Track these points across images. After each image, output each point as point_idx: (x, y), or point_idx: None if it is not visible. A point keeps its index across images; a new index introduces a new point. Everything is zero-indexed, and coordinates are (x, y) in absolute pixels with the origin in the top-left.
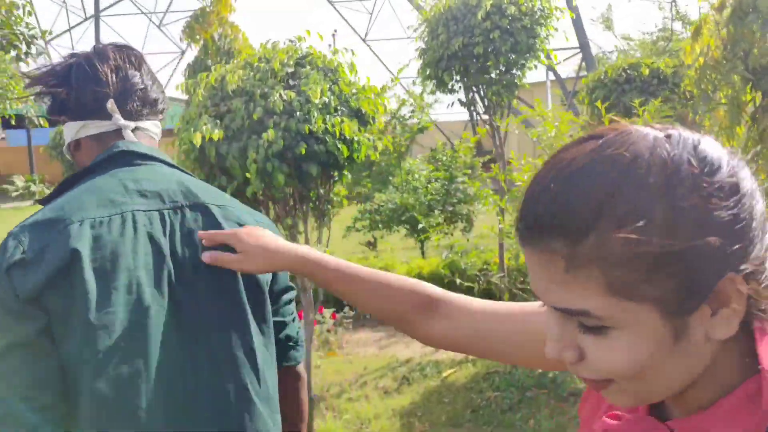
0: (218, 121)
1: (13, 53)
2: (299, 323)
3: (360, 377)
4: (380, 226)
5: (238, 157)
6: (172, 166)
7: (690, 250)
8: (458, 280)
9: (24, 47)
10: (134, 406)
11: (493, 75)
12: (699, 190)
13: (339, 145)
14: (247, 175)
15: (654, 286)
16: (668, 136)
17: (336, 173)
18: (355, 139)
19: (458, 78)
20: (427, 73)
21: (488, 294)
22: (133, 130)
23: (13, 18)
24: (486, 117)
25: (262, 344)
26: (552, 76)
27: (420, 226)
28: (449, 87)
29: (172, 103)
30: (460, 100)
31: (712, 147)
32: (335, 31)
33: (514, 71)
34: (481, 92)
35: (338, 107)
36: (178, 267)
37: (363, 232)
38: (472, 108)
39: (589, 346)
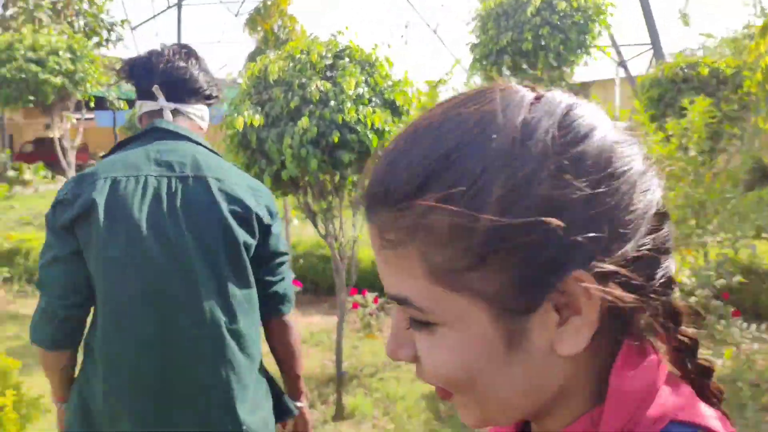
0: (259, 108)
1: (95, 40)
2: (288, 283)
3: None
4: None
5: (275, 142)
6: (197, 143)
7: (525, 233)
8: None
9: (105, 34)
10: (132, 319)
11: (542, 71)
12: (549, 161)
13: (370, 135)
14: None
15: (482, 276)
16: (538, 98)
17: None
18: (386, 129)
19: (508, 73)
20: (477, 67)
21: None
22: (173, 111)
23: (95, 6)
24: None
25: (237, 289)
26: (622, 73)
27: None
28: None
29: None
30: None
31: (588, 114)
32: (407, 23)
33: (564, 67)
34: None
35: (372, 98)
36: (174, 221)
37: None
38: None
39: (420, 344)
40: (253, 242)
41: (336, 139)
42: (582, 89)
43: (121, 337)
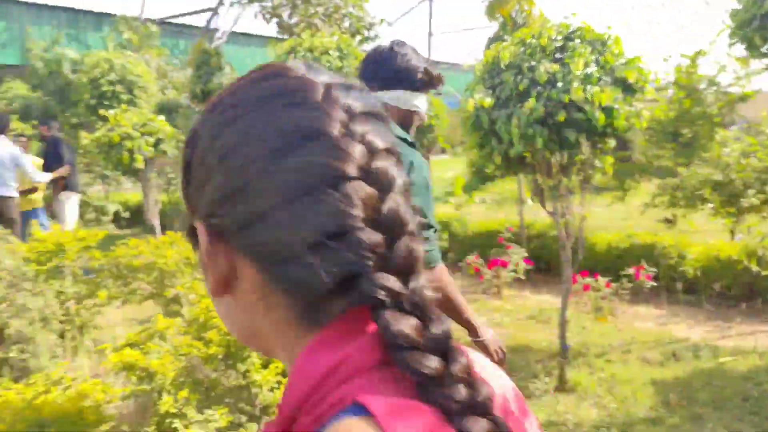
0: (491, 91)
1: (358, 38)
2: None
3: (625, 345)
4: (682, 203)
5: (504, 123)
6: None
7: (191, 169)
8: (755, 268)
9: (366, 33)
10: None
11: None
12: (219, 106)
13: (597, 114)
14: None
15: (195, 202)
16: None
17: (599, 140)
18: (616, 107)
19: None
20: (738, 35)
21: None
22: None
23: (358, 8)
24: None
25: None
26: None
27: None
28: (761, 50)
29: None
30: None
31: (298, 71)
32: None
33: None
34: None
35: (602, 77)
36: None
37: (661, 209)
38: None
39: None
40: None
41: (562, 118)
42: None
43: None
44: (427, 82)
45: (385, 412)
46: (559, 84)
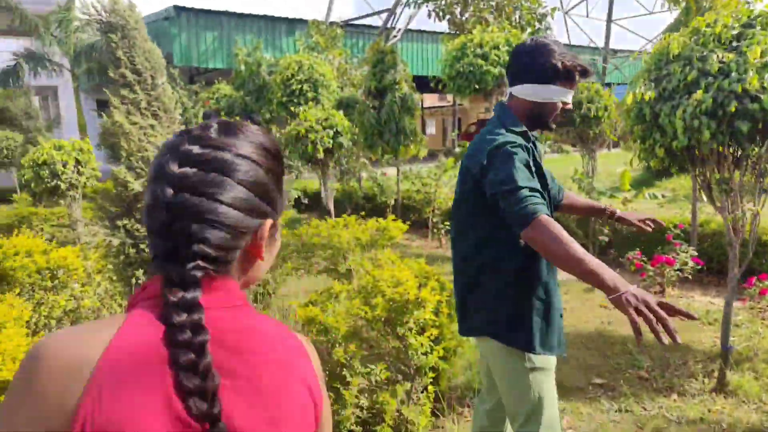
0: (653, 83)
1: (527, 31)
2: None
3: None
4: None
5: (668, 115)
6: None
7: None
8: None
9: (537, 25)
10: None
11: None
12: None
13: None
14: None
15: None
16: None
17: None
18: None
19: None
20: None
21: None
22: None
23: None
24: None
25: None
26: None
27: None
28: None
29: None
30: None
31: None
32: None
33: None
34: None
35: None
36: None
37: None
38: None
39: None
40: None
41: (733, 109)
42: None
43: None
44: (557, 74)
45: (138, 313)
46: (733, 74)
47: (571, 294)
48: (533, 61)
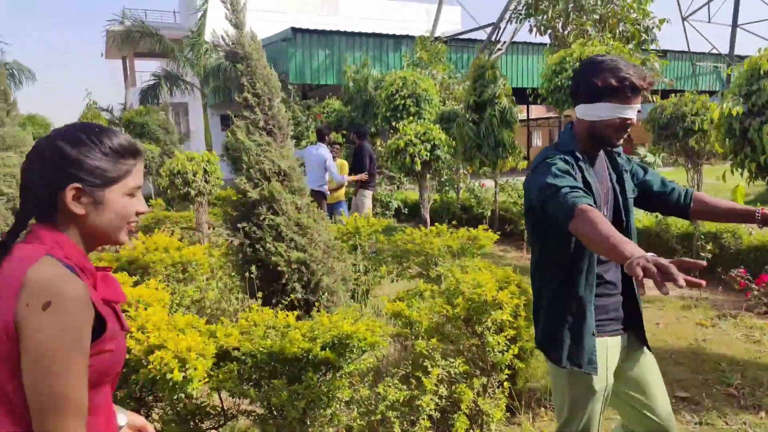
0: (742, 99)
1: (631, 44)
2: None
3: None
4: None
5: (757, 130)
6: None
7: None
8: None
9: (643, 36)
10: None
11: None
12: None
13: None
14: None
15: None
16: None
17: None
18: None
19: None
20: None
21: None
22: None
23: (640, 11)
24: None
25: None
26: None
27: None
28: None
29: None
30: None
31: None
32: None
33: None
34: None
35: None
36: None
37: None
38: None
39: None
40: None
41: None
42: None
43: None
44: (604, 91)
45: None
46: None
47: (666, 310)
48: (582, 81)
